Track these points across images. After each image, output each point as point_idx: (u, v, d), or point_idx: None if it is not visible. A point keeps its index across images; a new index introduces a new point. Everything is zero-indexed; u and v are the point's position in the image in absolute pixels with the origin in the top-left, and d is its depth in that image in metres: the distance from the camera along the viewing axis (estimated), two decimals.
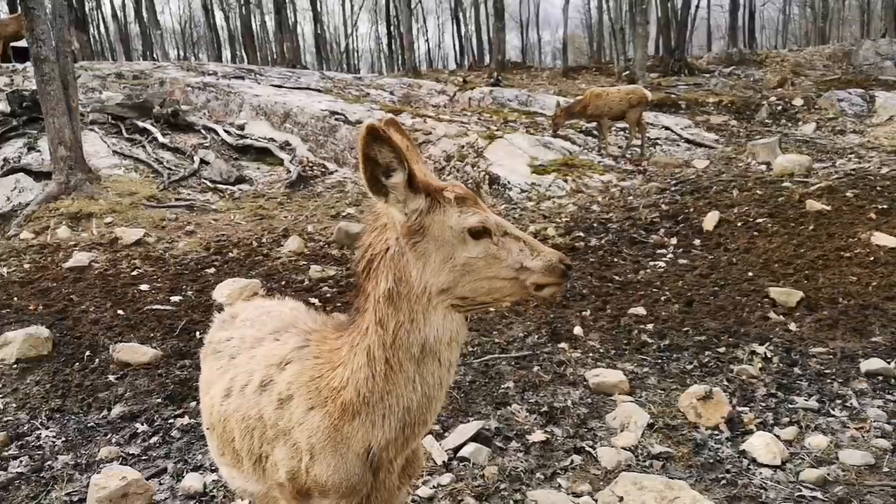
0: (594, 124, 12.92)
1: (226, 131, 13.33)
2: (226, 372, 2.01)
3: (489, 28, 30.18)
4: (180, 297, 6.56)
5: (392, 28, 39.17)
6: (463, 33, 38.19)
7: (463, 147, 11.47)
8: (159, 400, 4.57)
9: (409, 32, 26.13)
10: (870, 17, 41.63)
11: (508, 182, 10.44)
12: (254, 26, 37.28)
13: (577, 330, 5.50)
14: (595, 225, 8.56)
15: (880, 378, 4.34)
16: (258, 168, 12.28)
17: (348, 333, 1.74)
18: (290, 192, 10.95)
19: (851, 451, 3.46)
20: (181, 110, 13.99)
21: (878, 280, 6.06)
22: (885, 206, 7.83)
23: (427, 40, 51.27)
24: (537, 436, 3.82)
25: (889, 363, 4.49)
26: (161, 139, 12.72)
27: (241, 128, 13.81)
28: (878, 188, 8.49)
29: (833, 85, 17.32)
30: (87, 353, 5.35)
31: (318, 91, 15.89)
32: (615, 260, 7.38)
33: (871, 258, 6.57)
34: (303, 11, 44.40)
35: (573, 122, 12.75)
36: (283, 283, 6.88)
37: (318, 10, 37.87)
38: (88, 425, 4.29)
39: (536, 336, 5.45)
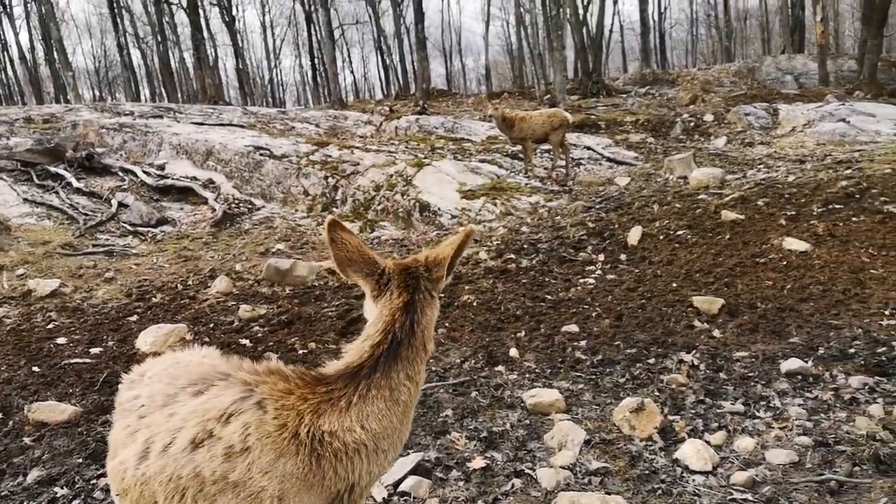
0: (519, 147, 13.20)
1: (145, 172, 12.91)
2: (136, 432, 1.88)
3: (413, 57, 30.60)
4: (100, 349, 6.24)
5: (316, 60, 39.12)
6: (388, 63, 38.53)
7: (392, 176, 11.50)
8: (80, 460, 4.29)
9: (332, 64, 26.15)
10: (770, 36, 44.55)
11: (439, 208, 10.50)
12: (172, 63, 36.50)
13: (513, 352, 5.52)
14: (525, 246, 8.68)
15: (799, 377, 4.53)
16: (181, 208, 11.92)
17: (348, 383, 1.85)
18: (216, 231, 10.66)
19: (777, 450, 3.59)
20: (96, 153, 13.47)
21: (792, 283, 6.39)
22: (793, 213, 8.29)
23: (353, 71, 51.48)
24: (477, 462, 3.79)
25: (806, 362, 4.71)
26: (75, 184, 12.19)
27: (162, 168, 13.40)
28: (786, 196, 9.00)
29: (740, 100, 18.35)
30: None
31: (242, 127, 15.64)
32: (547, 279, 7.49)
33: (784, 263, 6.92)
34: (224, 47, 43.85)
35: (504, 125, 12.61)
36: (211, 325, 6.65)
37: (240, 44, 37.49)
38: (2, 494, 3.98)
39: (473, 361, 5.44)
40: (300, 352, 5.77)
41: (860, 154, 11.05)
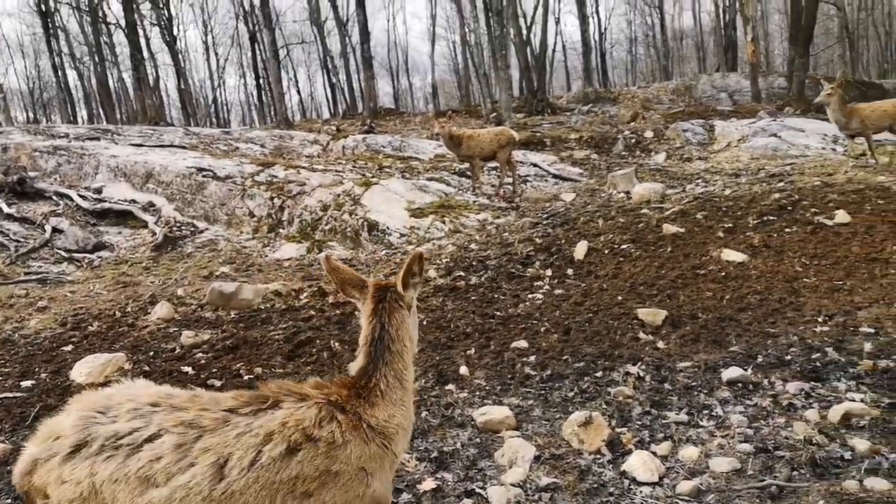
0: (466, 165, 13.30)
1: (81, 196, 12.45)
2: (181, 460, 1.87)
3: (360, 77, 30.60)
4: (32, 382, 5.93)
5: (261, 80, 38.70)
6: (334, 83, 38.41)
7: (339, 196, 11.41)
8: (9, 501, 4.05)
9: (278, 84, 25.90)
10: (705, 55, 46.37)
11: (387, 227, 10.46)
12: (111, 83, 35.50)
13: (463, 369, 5.51)
14: (474, 263, 8.72)
15: (740, 385, 4.66)
16: (119, 232, 11.54)
17: (369, 379, 2.31)
18: (157, 256, 10.34)
19: (720, 458, 3.67)
20: (28, 177, 12.93)
21: (731, 293, 6.59)
22: (730, 225, 8.58)
23: (299, 91, 51.07)
24: (428, 484, 3.75)
25: (746, 370, 4.85)
26: (6, 210, 11.66)
27: (99, 191, 12.96)
28: (724, 209, 9.32)
29: (678, 117, 18.99)
30: None
31: (184, 148, 15.29)
32: (496, 296, 7.53)
33: (723, 273, 7.15)
34: (165, 66, 42.91)
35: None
36: (152, 353, 6.41)
37: (181, 64, 36.78)
38: None
39: (423, 380, 5.40)
40: (245, 377, 5.62)
41: (791, 167, 11.56)
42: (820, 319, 5.81)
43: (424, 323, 6.74)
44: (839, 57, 23.71)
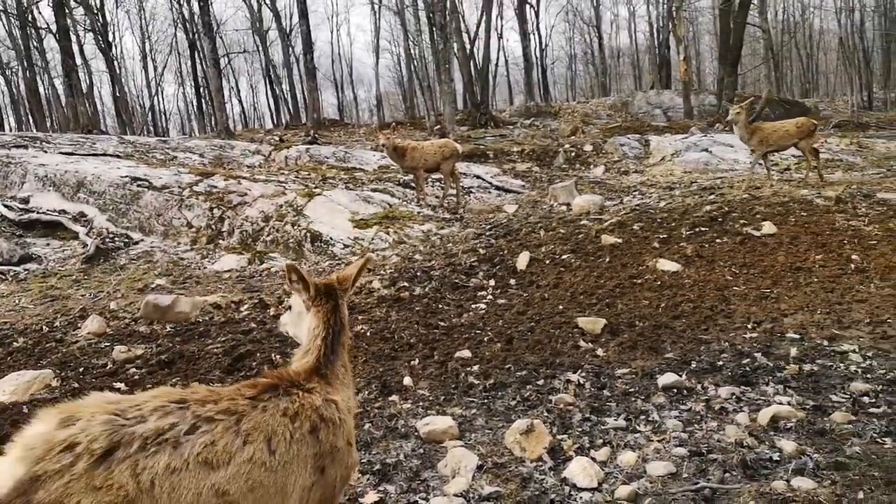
0: (411, 177, 13.33)
1: (6, 206, 11.85)
2: (235, 441, 2.05)
3: (303, 87, 30.28)
4: None
5: (202, 89, 37.81)
6: (277, 93, 37.87)
7: (281, 206, 11.23)
8: None
9: (219, 93, 25.36)
10: (640, 73, 47.98)
11: (331, 238, 10.36)
12: (41, 90, 34.01)
13: (407, 380, 5.49)
14: (419, 274, 8.72)
15: (675, 390, 4.81)
16: (48, 244, 11.02)
17: (328, 368, 2.54)
18: (88, 268, 9.93)
19: (656, 462, 3.77)
20: None
21: (666, 301, 6.81)
22: (665, 236, 8.88)
23: (241, 100, 50.13)
24: (370, 497, 3.71)
25: (681, 376, 5.00)
26: None
27: (26, 201, 12.37)
28: (659, 220, 9.63)
29: (616, 132, 19.56)
30: None
31: (118, 157, 14.77)
32: (440, 306, 7.54)
33: (658, 282, 7.38)
34: (99, 73, 41.41)
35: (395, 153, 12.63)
36: (81, 369, 6.13)
37: (117, 71, 35.57)
38: None
39: (367, 392, 5.35)
40: None
41: (721, 181, 12.06)
42: (749, 326, 6.06)
43: (368, 334, 6.69)
44: (765, 77, 24.91)
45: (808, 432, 4.01)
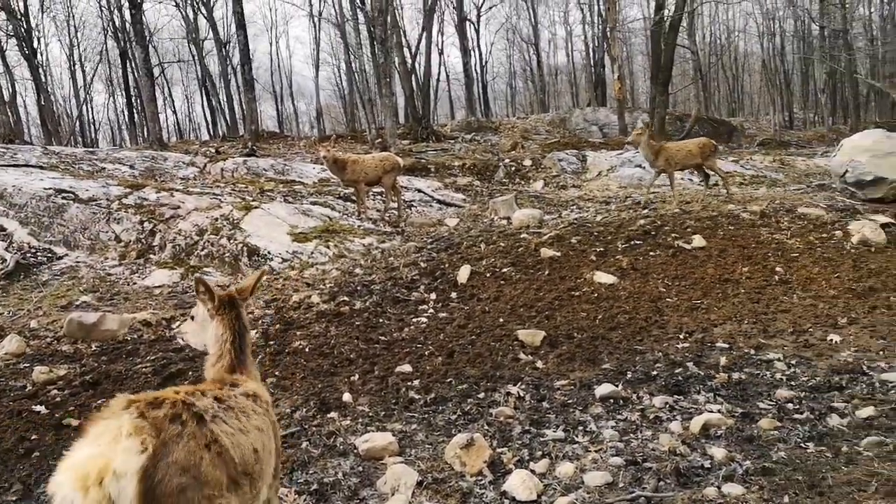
0: (352, 190, 13.22)
1: None
2: (248, 413, 2.52)
3: (241, 98, 29.68)
4: None
5: (134, 98, 36.53)
6: (214, 104, 36.98)
7: (217, 220, 10.92)
8: None
9: (151, 103, 24.54)
10: (577, 90, 49.24)
11: (269, 252, 10.13)
12: None
13: (347, 396, 5.40)
14: (359, 288, 8.63)
15: (612, 401, 4.90)
16: None
17: (242, 367, 2.80)
18: (7, 284, 9.37)
19: (594, 473, 3.81)
20: None
21: (603, 313, 6.95)
22: (601, 249, 9.08)
23: (175, 111, 48.65)
24: None
25: (617, 386, 5.10)
26: None
27: None
28: (595, 234, 9.85)
29: (554, 147, 19.95)
30: None
31: (41, 168, 14.07)
32: (380, 321, 7.47)
33: (596, 295, 7.53)
34: (23, 81, 39.45)
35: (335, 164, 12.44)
36: None
37: (42, 80, 33.98)
38: None
39: (304, 409, 5.23)
40: None
41: (654, 196, 12.45)
42: (681, 336, 6.26)
43: (306, 350, 6.56)
44: (694, 96, 26.03)
45: (737, 439, 4.15)
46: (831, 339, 5.90)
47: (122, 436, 1.97)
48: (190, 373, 5.89)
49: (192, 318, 3.02)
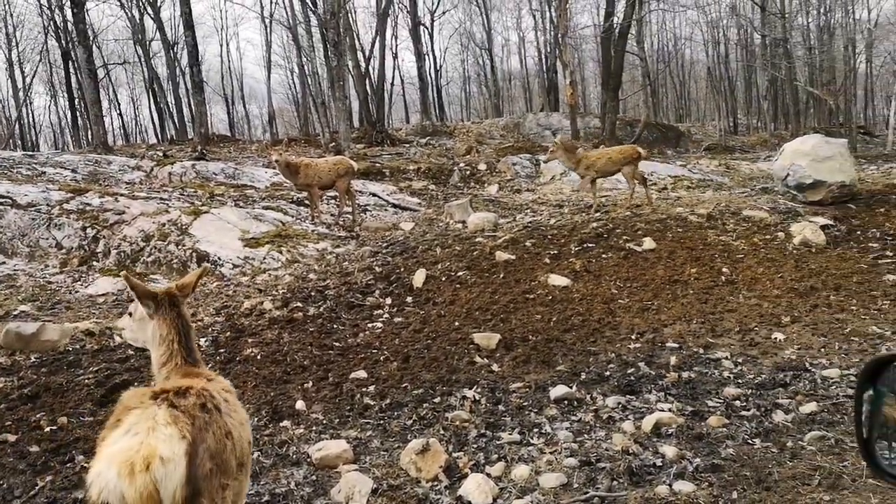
0: (305, 194, 13.05)
1: None
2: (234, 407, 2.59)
3: (190, 101, 28.98)
4: None
5: (77, 100, 35.27)
6: (162, 107, 36.00)
7: (164, 225, 10.62)
8: None
9: (95, 105, 23.72)
10: (531, 95, 49.80)
11: (219, 258, 9.90)
12: None
13: (300, 404, 5.30)
14: (313, 293, 8.50)
15: (566, 402, 4.93)
16: None
17: (193, 363, 2.74)
18: None
19: (549, 474, 3.83)
20: None
21: (557, 315, 7.01)
22: (555, 252, 9.18)
23: (121, 114, 47.18)
24: None
25: (571, 387, 5.15)
26: None
27: None
28: (549, 237, 9.95)
29: (508, 151, 20.11)
30: None
31: None
32: (335, 326, 7.38)
33: (550, 297, 7.60)
34: None
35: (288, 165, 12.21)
36: None
37: None
38: None
39: (256, 418, 5.11)
40: (47, 429, 4.96)
41: (606, 199, 12.66)
42: (633, 337, 6.36)
43: (258, 357, 6.42)
44: (643, 102, 26.65)
45: (688, 437, 4.23)
46: (775, 338, 6.09)
47: (160, 424, 2.08)
48: (136, 383, 5.69)
49: (130, 314, 2.93)
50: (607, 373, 5.50)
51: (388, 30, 33.37)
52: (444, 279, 8.56)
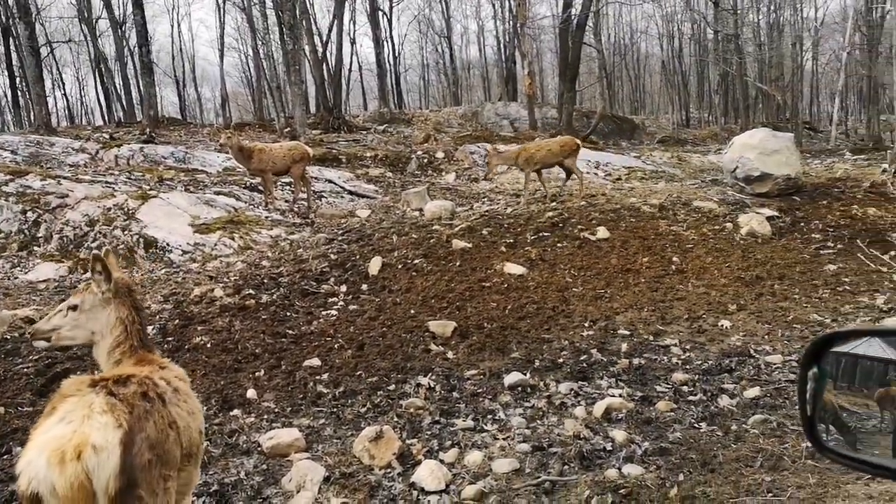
0: (259, 180, 12.78)
1: None
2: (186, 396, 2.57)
3: (139, 83, 28.05)
4: None
5: (18, 79, 33.71)
6: (108, 87, 34.70)
7: (110, 209, 10.26)
8: None
9: (37, 84, 22.69)
10: (489, 85, 49.86)
11: (168, 244, 9.63)
12: None
13: (251, 393, 5.21)
14: (266, 281, 8.35)
15: (520, 389, 4.97)
16: None
17: (148, 348, 2.69)
18: None
19: (501, 460, 3.85)
20: None
21: (512, 303, 7.06)
22: (511, 241, 9.22)
23: (66, 94, 45.34)
24: None
25: (525, 374, 5.19)
26: None
27: None
28: (506, 225, 10.00)
29: (466, 140, 20.09)
30: None
31: None
32: (288, 314, 7.27)
33: (505, 285, 7.64)
34: None
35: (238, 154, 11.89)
36: None
37: None
38: None
39: (206, 407, 4.99)
40: None
41: (561, 189, 12.77)
42: (586, 324, 6.45)
43: (208, 346, 6.28)
44: (600, 94, 27.00)
45: (637, 421, 4.31)
46: (722, 325, 6.26)
47: (96, 412, 2.01)
48: (78, 372, 5.49)
49: (75, 307, 2.69)
50: (560, 360, 5.56)
51: (346, 14, 32.93)
52: (400, 267, 8.51)
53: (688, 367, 5.32)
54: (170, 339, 6.51)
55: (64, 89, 44.31)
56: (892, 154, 13.67)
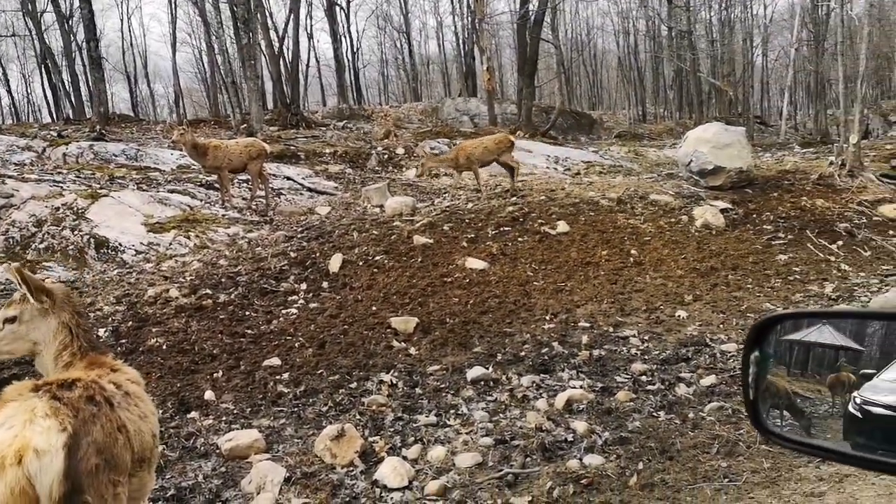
0: (215, 177, 12.51)
1: None
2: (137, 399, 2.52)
3: (88, 79, 27.19)
4: None
5: None
6: (56, 84, 33.54)
7: (58, 209, 9.92)
8: None
9: None
10: (449, 80, 49.85)
11: (120, 244, 9.36)
12: None
13: (209, 394, 5.10)
14: (223, 280, 8.18)
15: (482, 383, 4.98)
16: None
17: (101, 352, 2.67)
18: None
19: (464, 454, 3.86)
20: None
21: (474, 298, 7.07)
22: (472, 236, 9.24)
23: (10, 91, 43.65)
24: None
25: (488, 368, 5.20)
26: None
27: None
28: (467, 221, 10.01)
29: (426, 136, 20.05)
30: None
31: None
32: (247, 313, 7.13)
33: (467, 280, 7.65)
34: None
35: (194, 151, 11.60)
36: None
37: None
38: None
39: (161, 410, 4.87)
40: None
41: (522, 184, 12.85)
42: (548, 318, 6.50)
43: (164, 347, 6.12)
44: (558, 90, 27.24)
45: (597, 412, 4.36)
46: (679, 315, 6.38)
47: (38, 416, 1.95)
48: (26, 377, 5.28)
49: (13, 319, 2.51)
50: (522, 353, 5.59)
51: (303, 9, 32.48)
52: (361, 264, 8.44)
53: (646, 357, 5.41)
54: (123, 341, 6.33)
55: (9, 86, 42.60)
56: (838, 147, 14.15)
